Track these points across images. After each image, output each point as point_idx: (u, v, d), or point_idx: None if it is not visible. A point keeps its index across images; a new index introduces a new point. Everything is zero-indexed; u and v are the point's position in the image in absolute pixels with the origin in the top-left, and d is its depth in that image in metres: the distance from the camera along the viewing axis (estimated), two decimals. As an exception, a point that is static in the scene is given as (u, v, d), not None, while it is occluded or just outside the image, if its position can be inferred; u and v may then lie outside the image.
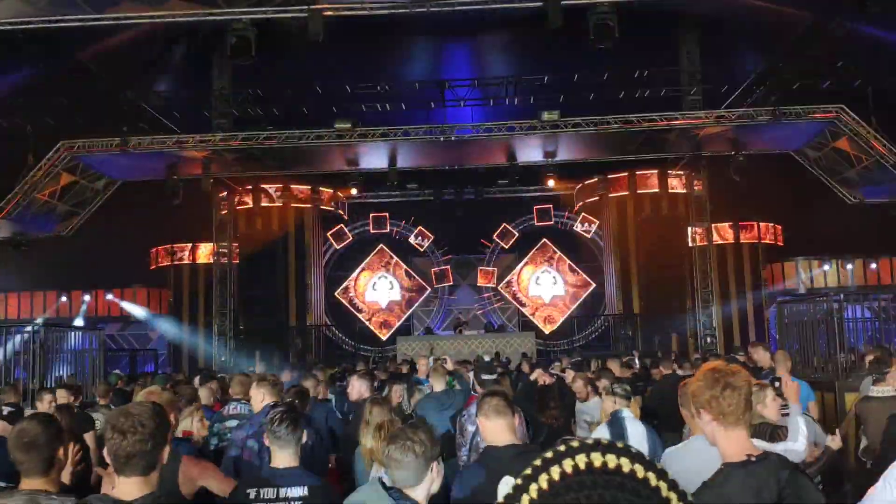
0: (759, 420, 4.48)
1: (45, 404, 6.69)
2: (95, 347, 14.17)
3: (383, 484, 2.91)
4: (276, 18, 12.88)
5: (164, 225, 22.55)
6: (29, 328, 13.02)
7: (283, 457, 3.47)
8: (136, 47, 19.62)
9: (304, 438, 3.54)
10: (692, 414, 2.78)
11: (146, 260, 24.46)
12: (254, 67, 14.23)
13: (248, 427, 4.63)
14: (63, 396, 7.07)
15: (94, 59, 17.04)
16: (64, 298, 24.52)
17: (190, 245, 23.62)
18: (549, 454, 1.00)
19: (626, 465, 0.98)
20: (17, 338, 13.30)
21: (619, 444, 1.02)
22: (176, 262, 23.79)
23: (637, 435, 5.05)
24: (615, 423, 5.14)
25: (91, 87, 16.84)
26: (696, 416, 2.57)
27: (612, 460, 0.98)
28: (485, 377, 7.05)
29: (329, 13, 12.50)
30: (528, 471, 0.98)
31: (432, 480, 2.92)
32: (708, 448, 3.54)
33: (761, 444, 2.77)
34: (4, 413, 5.59)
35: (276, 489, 3.37)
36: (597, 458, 0.98)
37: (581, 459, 0.97)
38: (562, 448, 1.00)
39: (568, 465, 0.97)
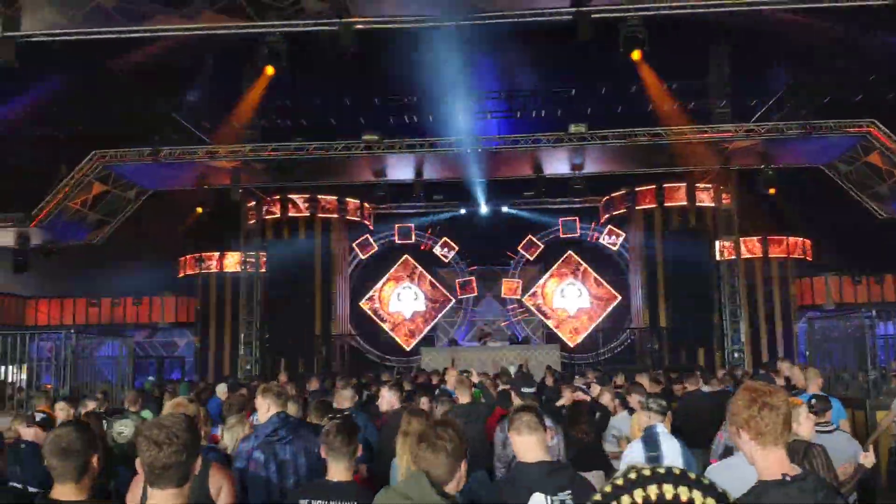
0: (793, 438, 4.43)
1: (88, 410, 6.77)
2: (124, 355, 14.34)
3: (429, 479, 2.87)
4: (307, 31, 13.00)
5: (193, 234, 22.79)
6: (60, 335, 13.19)
7: (338, 469, 3.45)
8: (168, 58, 19.93)
9: (359, 452, 3.52)
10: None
11: (175, 268, 24.71)
12: (284, 79, 14.38)
13: (254, 438, 4.56)
14: (63, 408, 7.03)
15: (127, 69, 17.31)
16: (94, 305, 24.82)
17: (218, 254, 23.82)
18: (619, 481, 0.98)
19: (698, 499, 0.96)
20: (48, 344, 13.50)
21: (691, 475, 0.99)
22: (204, 271, 23.99)
23: (672, 451, 4.99)
24: (650, 438, 5.08)
25: (123, 97, 17.11)
26: (736, 434, 2.57)
27: (684, 493, 0.96)
28: (525, 390, 7.04)
29: (360, 26, 12.60)
30: (598, 497, 0.96)
31: (461, 478, 2.90)
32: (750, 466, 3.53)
33: None
34: (37, 419, 5.64)
35: (327, 502, 3.38)
36: (668, 491, 0.95)
37: (653, 491, 0.95)
38: (633, 476, 0.98)
39: (639, 495, 0.95)
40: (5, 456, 5.05)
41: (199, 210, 18.74)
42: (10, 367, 12.20)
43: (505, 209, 23.86)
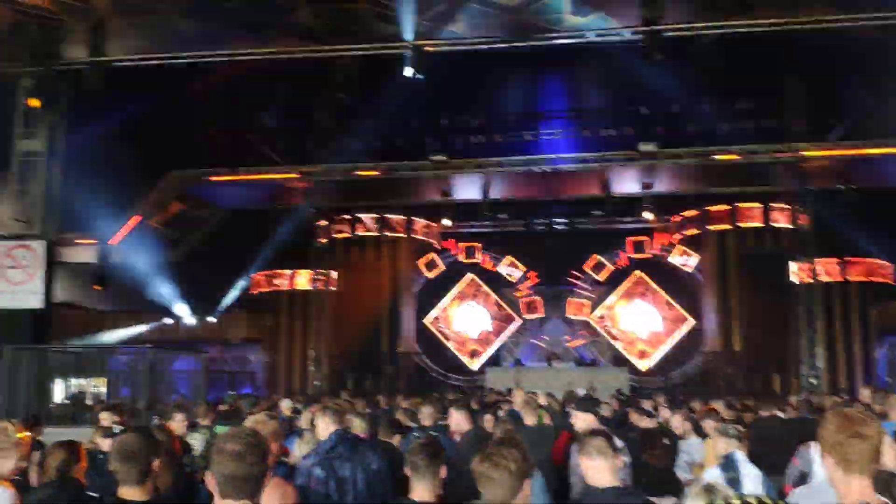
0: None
1: (176, 423, 6.96)
2: (198, 369, 14.72)
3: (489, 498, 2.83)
4: (377, 55, 13.23)
5: (265, 252, 23.30)
6: (137, 350, 13.61)
7: (422, 489, 3.39)
8: (244, 81, 20.56)
9: (444, 473, 3.44)
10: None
11: (248, 285, 25.28)
12: (354, 101, 14.65)
13: (314, 455, 4.60)
14: (106, 418, 7.22)
15: (205, 92, 17.93)
16: (170, 321, 25.56)
17: (289, 272, 24.29)
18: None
19: None
20: (125, 358, 13.96)
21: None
22: (275, 289, 24.49)
23: (752, 478, 4.86)
24: (729, 465, 4.96)
25: (201, 119, 17.70)
26: (823, 457, 2.57)
27: None
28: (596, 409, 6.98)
29: (429, 49, 12.75)
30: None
31: (526, 498, 2.86)
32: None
33: None
34: (116, 431, 5.84)
35: None
36: None
37: None
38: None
39: None
40: (85, 467, 5.23)
41: (271, 228, 19.18)
42: (90, 381, 12.65)
43: (572, 228, 23.63)
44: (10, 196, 14.27)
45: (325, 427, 4.84)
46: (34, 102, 13.49)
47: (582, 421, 6.27)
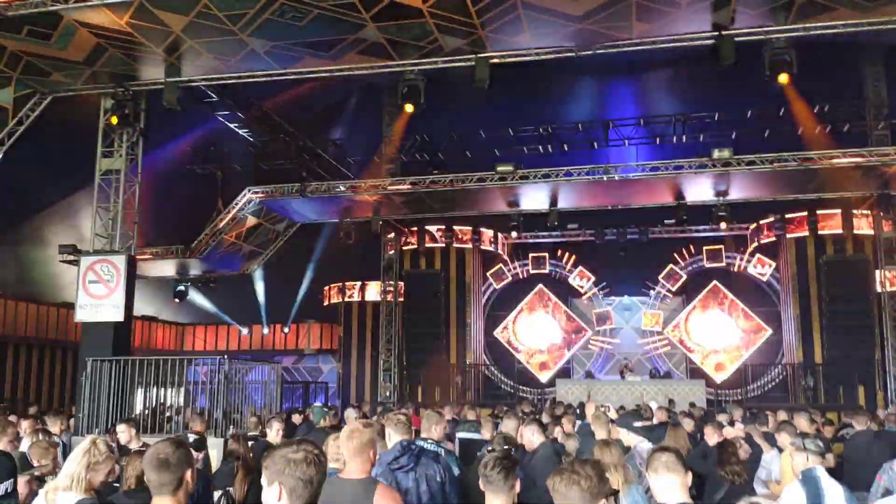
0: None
1: (273, 432, 7.12)
2: (273, 379, 15.01)
3: None
4: (444, 68, 13.31)
5: (337, 264, 23.74)
6: (214, 360, 13.95)
7: (496, 502, 3.37)
8: (314, 98, 21.00)
9: (518, 488, 3.41)
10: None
11: (320, 297, 25.75)
12: (421, 115, 14.78)
13: (378, 466, 4.56)
14: (123, 430, 7.35)
15: (277, 109, 18.40)
16: (245, 331, 26.24)
17: (359, 283, 24.64)
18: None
19: None
20: (203, 368, 14.33)
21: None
22: (346, 299, 24.87)
23: (836, 496, 4.66)
24: (809, 482, 4.77)
25: (274, 136, 18.14)
26: None
27: None
28: (637, 425, 6.76)
29: (495, 60, 12.77)
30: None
31: None
32: None
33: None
34: (190, 441, 6.00)
35: None
36: None
37: None
38: None
39: None
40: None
41: (344, 240, 19.50)
42: (169, 391, 13.04)
43: (644, 238, 23.23)
44: (92, 213, 14.88)
45: (389, 437, 4.87)
46: (113, 121, 14.04)
47: (624, 437, 6.14)
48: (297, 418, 11.10)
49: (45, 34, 12.27)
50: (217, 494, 5.94)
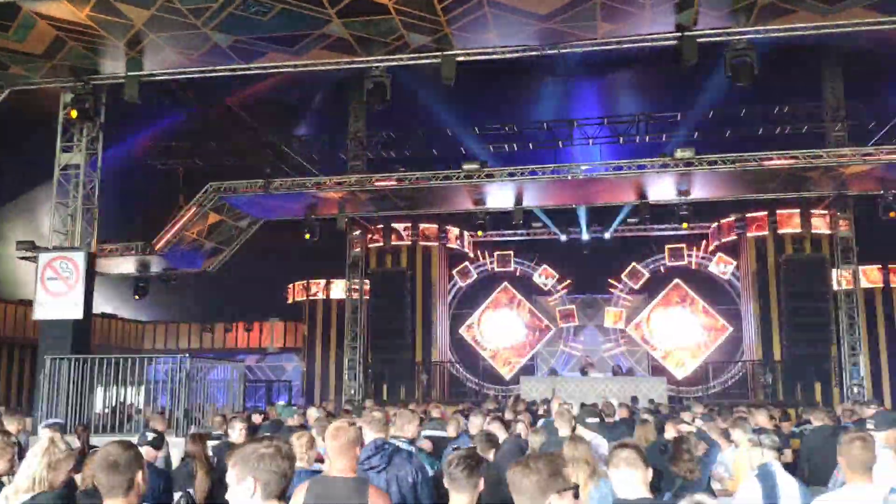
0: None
1: (236, 432, 7.03)
2: (236, 378, 14.85)
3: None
4: (410, 65, 13.28)
5: (301, 261, 23.55)
6: (175, 359, 13.76)
7: (459, 501, 3.36)
8: (280, 94, 20.80)
9: (482, 486, 3.41)
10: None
11: (283, 295, 25.55)
12: (386, 112, 14.73)
13: None
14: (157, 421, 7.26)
15: (241, 104, 18.20)
16: (207, 330, 25.93)
17: (324, 281, 24.50)
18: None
19: None
20: (164, 367, 14.13)
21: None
22: (311, 297, 24.72)
23: (790, 490, 4.73)
24: (765, 476, 4.84)
25: (238, 132, 17.95)
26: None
27: None
28: (589, 420, 6.90)
29: (462, 58, 12.78)
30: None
31: None
32: (860, 497, 3.45)
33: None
34: (149, 439, 5.91)
35: None
36: None
37: None
38: None
39: None
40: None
41: (307, 237, 19.35)
42: (129, 390, 12.84)
43: (607, 236, 23.46)
44: (51, 208, 14.59)
45: (368, 435, 4.77)
46: (73, 115, 13.76)
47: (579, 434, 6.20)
48: (256, 418, 10.98)
49: (2, 25, 11.98)
50: (177, 496, 5.84)
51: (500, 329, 25.75)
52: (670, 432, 7.61)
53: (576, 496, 2.72)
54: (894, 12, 11.54)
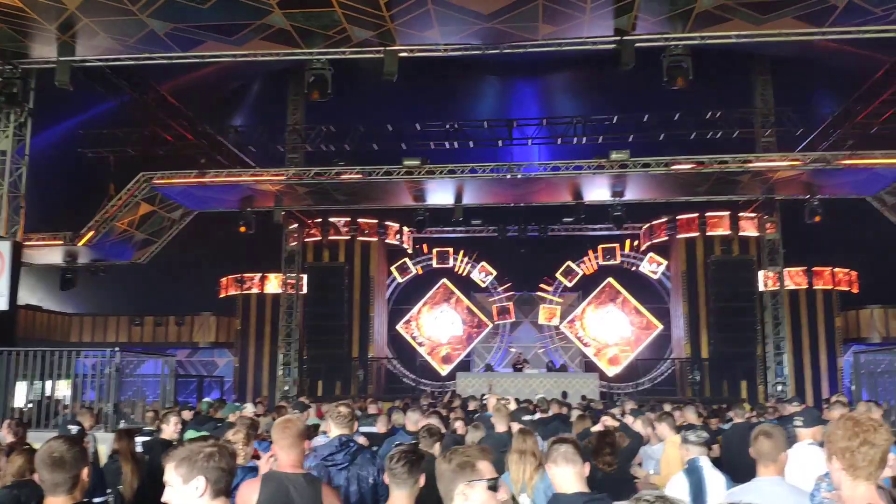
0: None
1: (171, 427, 6.88)
2: (167, 373, 14.53)
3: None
4: (352, 58, 13.21)
5: (235, 255, 23.14)
6: (104, 352, 13.39)
7: (399, 497, 3.36)
8: (216, 83, 20.39)
9: (423, 482, 3.39)
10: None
11: (216, 289, 25.08)
12: (327, 105, 14.61)
13: (312, 458, 4.56)
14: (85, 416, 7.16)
15: (177, 93, 17.76)
16: (137, 324, 25.26)
17: (259, 275, 24.14)
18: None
19: None
20: (92, 361, 13.73)
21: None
22: (245, 292, 24.32)
23: (717, 485, 4.89)
24: (692, 472, 4.99)
25: (172, 120, 17.51)
26: (828, 460, 2.61)
27: None
28: (525, 418, 7.14)
29: (404, 54, 12.77)
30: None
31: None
32: (772, 489, 3.66)
33: None
34: (71, 433, 5.76)
35: None
36: None
37: None
38: None
39: None
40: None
41: (243, 230, 19.02)
42: (57, 383, 12.43)
43: (543, 235, 23.78)
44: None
45: (333, 431, 4.76)
46: (0, 101, 13.24)
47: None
48: (186, 414, 10.76)
49: (-77, 3, 11.44)
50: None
51: (438, 325, 25.85)
52: (593, 427, 7.78)
53: (493, 489, 2.74)
54: (822, 24, 12.01)
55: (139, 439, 6.66)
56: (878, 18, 11.81)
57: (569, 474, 3.58)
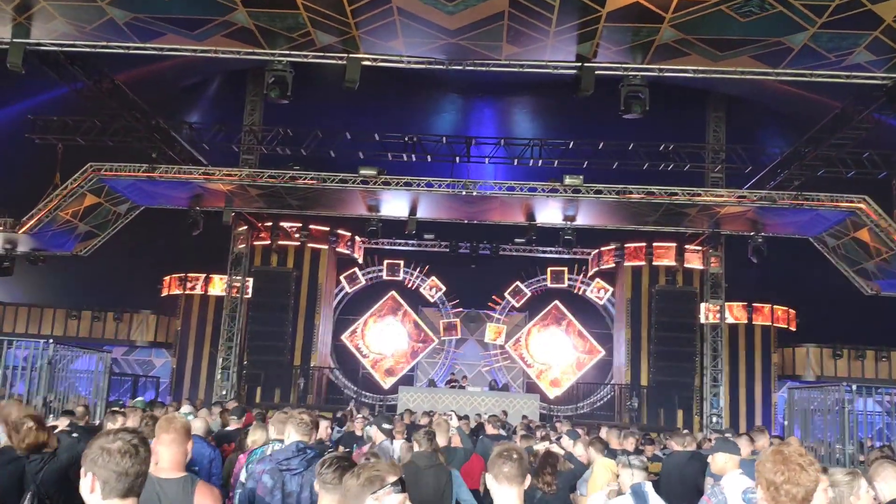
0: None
1: (117, 425, 6.63)
2: (101, 370, 14.16)
3: None
4: (314, 62, 13.14)
5: (180, 253, 22.70)
6: (37, 344, 13.02)
7: (328, 503, 3.37)
8: (174, 77, 20.06)
9: None
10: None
11: (158, 286, 24.55)
12: (285, 108, 14.49)
13: (267, 462, 4.62)
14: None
15: (132, 84, 17.40)
16: (73, 318, 24.56)
17: (203, 276, 23.72)
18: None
19: None
20: (25, 353, 13.32)
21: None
22: (188, 292, 23.86)
23: (660, 509, 4.96)
24: (638, 496, 5.04)
25: (125, 112, 17.14)
26: (756, 484, 2.65)
27: None
28: (385, 426, 7.44)
29: (367, 62, 12.75)
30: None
31: None
32: None
33: None
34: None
35: None
36: None
37: None
38: None
39: None
40: None
41: (190, 229, 18.67)
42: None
43: (495, 254, 23.93)
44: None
45: (292, 436, 4.80)
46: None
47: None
48: (62, 421, 10.41)
49: None
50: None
51: (383, 338, 25.71)
52: (536, 446, 7.82)
53: (400, 491, 2.74)
54: (777, 65, 12.38)
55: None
56: (831, 64, 12.23)
57: (511, 494, 3.53)
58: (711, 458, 5.81)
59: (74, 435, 7.85)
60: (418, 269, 25.63)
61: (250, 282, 22.69)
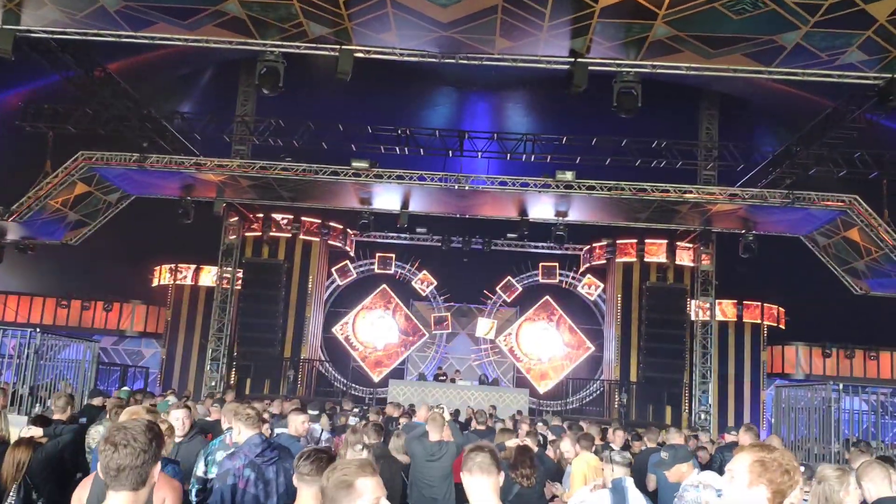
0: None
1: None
2: (89, 359, 14.11)
3: None
4: (307, 53, 13.08)
5: (171, 243, 22.61)
6: (24, 332, 12.96)
7: (307, 496, 3.42)
8: (166, 66, 19.95)
9: None
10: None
11: (148, 276, 24.47)
12: (278, 99, 14.42)
13: (242, 457, 4.78)
14: None
15: (124, 72, 17.31)
16: (63, 307, 24.47)
17: (194, 266, 23.65)
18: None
19: None
20: (12, 341, 13.26)
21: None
22: (178, 282, 23.80)
23: (638, 504, 4.97)
24: (617, 491, 5.06)
25: (117, 101, 17.05)
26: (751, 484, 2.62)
27: None
28: (311, 412, 7.65)
29: (360, 54, 12.71)
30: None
31: None
32: None
33: None
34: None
35: None
36: None
37: None
38: None
39: None
40: None
41: (181, 219, 18.59)
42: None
43: (486, 248, 23.94)
44: None
45: (239, 431, 5.00)
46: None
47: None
48: (97, 401, 10.42)
49: None
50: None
51: (374, 331, 25.69)
52: (510, 441, 7.82)
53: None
54: (770, 63, 12.39)
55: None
56: (823, 63, 12.24)
57: (485, 485, 3.51)
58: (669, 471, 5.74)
59: (83, 420, 7.85)
60: (410, 263, 25.61)
61: (241, 273, 22.62)
